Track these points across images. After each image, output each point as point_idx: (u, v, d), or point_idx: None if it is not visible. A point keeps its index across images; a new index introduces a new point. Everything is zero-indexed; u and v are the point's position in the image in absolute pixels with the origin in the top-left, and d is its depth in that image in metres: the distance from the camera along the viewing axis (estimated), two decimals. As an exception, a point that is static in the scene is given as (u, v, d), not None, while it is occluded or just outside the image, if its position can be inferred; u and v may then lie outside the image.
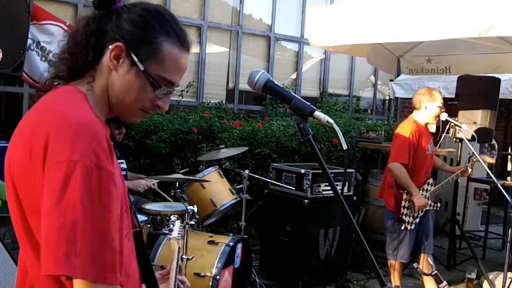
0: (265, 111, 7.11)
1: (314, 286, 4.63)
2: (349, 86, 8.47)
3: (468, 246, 5.41)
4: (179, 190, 3.95)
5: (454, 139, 5.29)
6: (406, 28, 3.79)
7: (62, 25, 5.68)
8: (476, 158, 4.33)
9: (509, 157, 8.31)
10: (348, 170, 5.08)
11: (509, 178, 7.07)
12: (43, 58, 5.61)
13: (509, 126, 10.60)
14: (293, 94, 1.39)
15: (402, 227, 4.15)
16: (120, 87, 1.23)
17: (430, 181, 4.33)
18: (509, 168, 7.85)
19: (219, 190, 4.26)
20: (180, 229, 2.20)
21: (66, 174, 1.05)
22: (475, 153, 4.22)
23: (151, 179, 4.36)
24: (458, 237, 5.87)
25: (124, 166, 4.33)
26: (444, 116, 4.22)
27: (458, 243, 6.10)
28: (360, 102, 8.53)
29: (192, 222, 3.60)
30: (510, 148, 10.29)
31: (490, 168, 4.86)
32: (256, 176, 4.83)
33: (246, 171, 4.52)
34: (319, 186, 4.73)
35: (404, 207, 4.14)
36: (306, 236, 4.68)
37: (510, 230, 4.11)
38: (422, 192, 4.22)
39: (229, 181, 4.48)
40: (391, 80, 7.73)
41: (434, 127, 4.84)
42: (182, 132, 5.62)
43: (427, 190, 4.29)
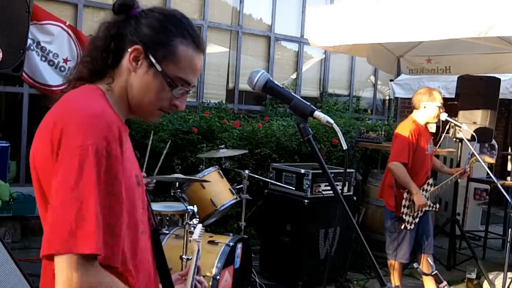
0: (265, 111, 7.11)
1: (314, 286, 4.63)
2: (349, 86, 8.47)
3: (468, 246, 5.41)
4: (179, 190, 3.95)
5: (454, 139, 5.29)
6: (406, 28, 3.78)
7: (62, 25, 5.69)
8: (475, 159, 4.33)
9: (509, 157, 8.30)
10: (348, 170, 5.08)
11: (509, 178, 7.06)
12: (43, 58, 5.61)
13: (509, 126, 10.61)
14: (293, 94, 1.39)
15: (401, 227, 4.15)
16: (139, 88, 1.30)
17: (430, 181, 4.33)
18: (509, 168, 7.84)
19: (219, 190, 4.26)
20: (201, 232, 2.27)
21: (80, 159, 1.11)
22: (475, 153, 4.21)
23: (150, 179, 4.36)
24: (458, 237, 5.87)
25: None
26: (444, 116, 4.22)
27: (458, 243, 6.10)
28: (360, 102, 8.53)
29: (192, 222, 3.60)
30: (510, 148, 10.29)
31: (490, 168, 4.86)
32: (256, 176, 4.83)
33: (246, 171, 4.52)
34: (319, 186, 4.73)
35: (404, 206, 4.14)
36: (306, 236, 4.68)
37: (510, 230, 4.12)
38: (421, 192, 4.22)
39: (229, 181, 4.48)
40: (391, 80, 7.73)
41: (434, 127, 4.83)
42: (182, 132, 5.62)
43: (427, 190, 4.29)
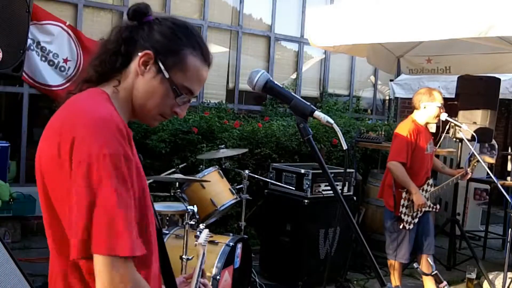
0: (265, 111, 7.11)
1: (314, 286, 4.63)
2: (349, 86, 8.47)
3: (468, 246, 5.41)
4: (179, 190, 3.95)
5: (454, 139, 5.29)
6: (406, 28, 3.78)
7: (62, 25, 5.69)
8: (476, 160, 4.33)
9: (509, 157, 8.30)
10: (348, 170, 5.08)
11: (509, 178, 7.05)
12: (43, 58, 5.62)
13: (509, 126, 10.60)
14: (293, 94, 1.39)
15: (400, 226, 4.15)
16: (144, 91, 1.33)
17: (430, 181, 4.33)
18: (509, 168, 7.84)
19: (219, 190, 4.26)
20: (207, 236, 2.33)
21: (97, 168, 1.13)
22: (475, 153, 4.21)
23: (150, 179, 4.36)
24: (458, 237, 5.87)
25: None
26: (444, 116, 4.22)
27: (458, 243, 6.10)
28: (360, 102, 8.53)
29: (192, 222, 3.60)
30: (510, 148, 10.29)
31: (490, 168, 4.86)
32: (256, 176, 4.83)
33: (246, 171, 4.52)
34: (319, 186, 4.73)
35: (403, 206, 4.14)
36: (306, 236, 4.68)
37: (510, 230, 4.12)
38: (421, 192, 4.22)
39: (229, 181, 4.48)
40: (391, 80, 7.73)
41: (434, 127, 4.83)
42: (182, 132, 5.62)
43: (427, 191, 4.29)
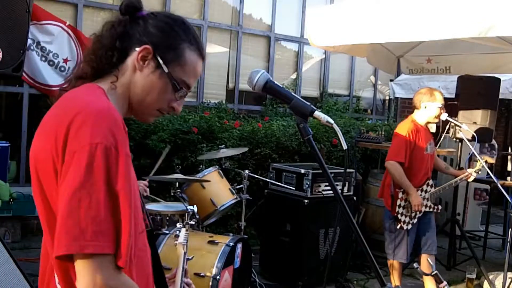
0: (265, 111, 7.11)
1: (314, 286, 4.63)
2: (349, 86, 8.47)
3: (468, 246, 5.41)
4: (179, 190, 3.95)
5: (454, 139, 5.29)
6: (406, 28, 3.78)
7: (62, 25, 5.69)
8: (480, 164, 4.31)
9: (509, 157, 8.30)
10: (348, 170, 5.08)
11: (509, 178, 7.05)
12: (43, 58, 5.62)
13: (509, 126, 10.60)
14: (293, 94, 1.39)
15: (397, 226, 4.15)
16: (142, 87, 1.32)
17: (430, 182, 4.32)
18: (509, 168, 7.84)
19: (219, 190, 4.26)
20: (186, 235, 2.33)
21: (89, 156, 1.11)
22: (475, 153, 4.21)
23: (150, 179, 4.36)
24: (458, 237, 5.87)
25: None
26: (444, 116, 4.22)
27: (458, 243, 6.09)
28: (360, 102, 8.53)
29: (192, 222, 3.60)
30: (510, 148, 10.29)
31: (490, 168, 4.85)
32: (256, 176, 4.83)
33: (246, 171, 4.52)
34: (319, 186, 4.73)
35: (399, 206, 4.14)
36: (306, 236, 4.68)
37: (510, 230, 4.11)
38: (420, 192, 4.21)
39: (229, 181, 4.48)
40: (391, 80, 7.72)
41: (434, 127, 4.84)
42: (182, 132, 5.62)
43: (426, 191, 4.28)
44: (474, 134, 4.47)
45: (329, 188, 4.69)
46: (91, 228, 1.08)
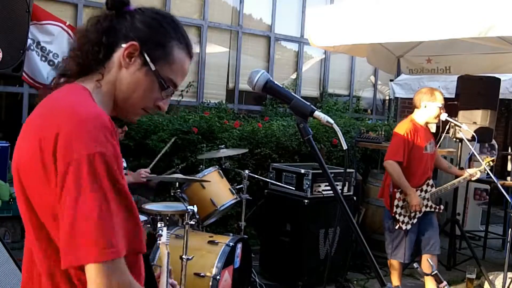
0: (265, 111, 7.11)
1: (314, 286, 4.63)
2: (349, 86, 8.47)
3: (468, 246, 5.41)
4: (179, 190, 3.95)
5: (454, 139, 5.29)
6: (406, 28, 3.78)
7: (62, 25, 5.69)
8: (486, 163, 4.30)
9: (509, 157, 8.32)
10: (348, 170, 5.08)
11: (509, 178, 7.06)
12: (43, 58, 5.62)
13: (509, 126, 10.60)
14: (293, 94, 1.39)
15: (396, 227, 4.15)
16: (128, 84, 1.27)
17: (430, 182, 4.31)
18: (509, 168, 7.85)
19: (219, 190, 4.26)
20: (168, 234, 2.32)
21: (89, 166, 1.08)
22: (475, 153, 4.21)
23: (150, 179, 4.36)
24: (458, 237, 5.86)
25: (124, 165, 4.33)
26: (444, 116, 4.22)
27: (458, 243, 6.09)
28: (360, 102, 8.53)
29: (192, 222, 3.60)
30: (510, 148, 10.29)
31: (490, 168, 4.85)
32: (256, 176, 4.83)
33: (246, 171, 4.51)
34: (319, 186, 4.73)
35: (397, 206, 4.14)
36: (306, 236, 4.68)
37: (510, 230, 4.11)
38: (420, 192, 4.21)
39: (229, 181, 4.48)
40: (391, 80, 7.72)
41: (434, 127, 4.84)
42: (182, 132, 5.62)
43: (426, 191, 4.27)
44: (474, 134, 4.47)
45: (329, 188, 4.68)
46: (106, 235, 1.06)
